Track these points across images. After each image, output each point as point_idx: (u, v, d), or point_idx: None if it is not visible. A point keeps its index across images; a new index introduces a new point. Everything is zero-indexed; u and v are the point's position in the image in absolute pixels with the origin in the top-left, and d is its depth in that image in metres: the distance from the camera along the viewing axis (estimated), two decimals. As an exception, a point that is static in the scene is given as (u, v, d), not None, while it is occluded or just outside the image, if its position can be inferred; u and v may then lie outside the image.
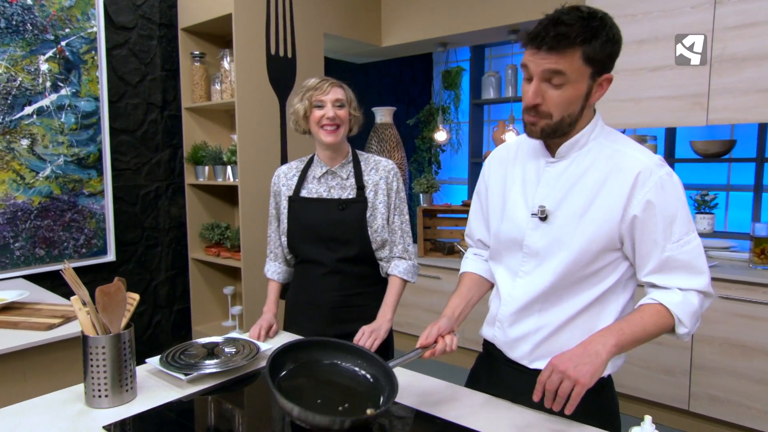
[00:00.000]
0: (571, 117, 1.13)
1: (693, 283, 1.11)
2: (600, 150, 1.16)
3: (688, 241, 1.11)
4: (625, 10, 2.77)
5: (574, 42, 1.05)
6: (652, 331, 1.09)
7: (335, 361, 1.22)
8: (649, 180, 1.10)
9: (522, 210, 1.24)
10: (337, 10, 3.48)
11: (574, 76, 1.08)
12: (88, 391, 1.26)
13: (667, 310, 1.09)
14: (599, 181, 1.14)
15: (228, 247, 3.16)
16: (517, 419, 1.19)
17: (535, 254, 1.22)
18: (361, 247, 1.71)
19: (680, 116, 2.65)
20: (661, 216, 1.10)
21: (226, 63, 3.00)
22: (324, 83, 1.68)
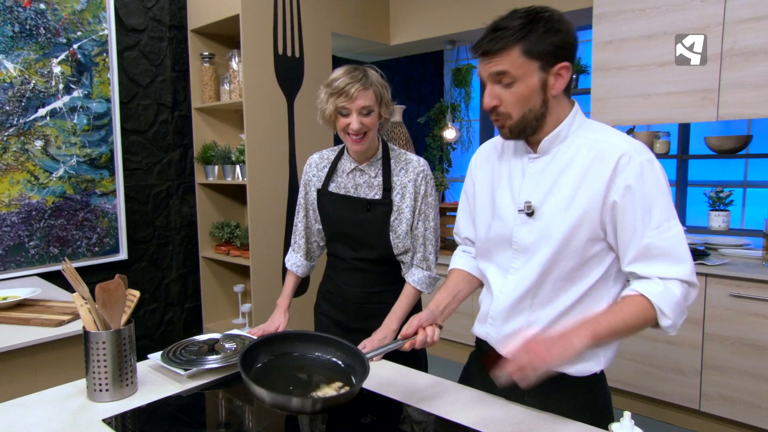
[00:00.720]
0: (534, 111, 1.14)
1: (674, 272, 1.08)
2: (581, 141, 1.16)
3: (668, 228, 1.09)
4: (633, 5, 2.74)
5: (509, 41, 1.09)
6: (632, 323, 1.07)
7: (308, 353, 1.22)
8: (629, 165, 1.09)
9: (509, 207, 1.24)
10: (344, 9, 3.49)
11: (519, 73, 1.10)
12: (90, 385, 1.30)
13: (648, 301, 1.07)
14: (582, 171, 1.14)
15: (237, 246, 3.20)
16: (509, 415, 1.19)
17: (525, 250, 1.22)
18: (383, 250, 1.67)
19: (690, 112, 2.61)
20: (641, 202, 1.09)
21: (234, 63, 3.03)
22: (350, 87, 1.52)
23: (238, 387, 1.41)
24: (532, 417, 1.18)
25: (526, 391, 1.23)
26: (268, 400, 0.99)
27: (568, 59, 1.12)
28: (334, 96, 1.56)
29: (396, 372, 1.47)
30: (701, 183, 4.09)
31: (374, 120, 1.59)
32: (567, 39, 1.11)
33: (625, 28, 2.78)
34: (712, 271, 2.54)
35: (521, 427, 1.14)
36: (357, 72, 1.57)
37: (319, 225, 1.80)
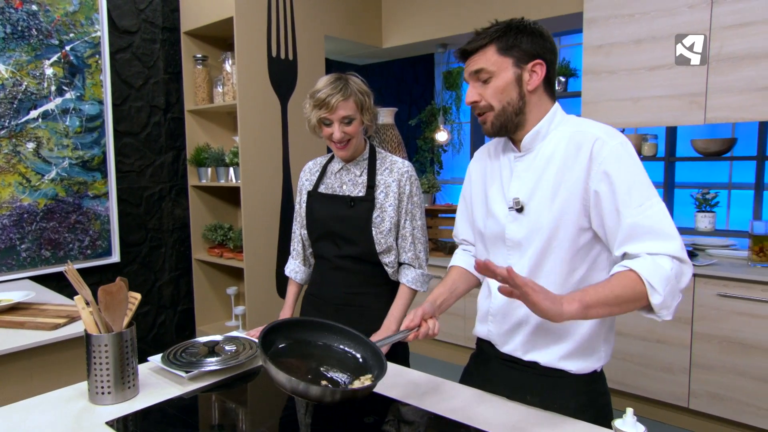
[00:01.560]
0: (512, 105, 1.20)
1: (663, 248, 1.07)
2: (561, 135, 1.21)
3: (650, 206, 1.10)
4: (623, 10, 2.79)
5: (485, 40, 1.20)
6: (621, 294, 1.04)
7: (325, 342, 1.24)
8: (602, 150, 1.13)
9: (501, 205, 1.29)
10: (337, 12, 3.51)
11: (494, 68, 1.20)
12: (92, 388, 1.30)
13: (637, 274, 1.04)
14: (562, 162, 1.18)
15: (231, 248, 3.20)
16: (511, 414, 1.21)
17: (518, 246, 1.25)
18: (365, 247, 1.70)
19: (678, 115, 2.66)
20: (619, 184, 1.11)
21: (227, 65, 3.03)
22: (331, 99, 1.60)
23: (239, 389, 1.42)
24: (533, 416, 1.20)
25: (528, 391, 1.26)
26: (289, 387, 1.00)
27: (542, 58, 1.19)
28: (317, 108, 1.65)
29: (394, 370, 1.49)
30: (688, 185, 4.16)
31: (356, 127, 1.67)
32: (540, 40, 1.21)
33: (615, 32, 2.83)
34: (700, 272, 2.59)
35: (523, 425, 1.16)
36: (338, 82, 1.64)
37: (305, 230, 1.83)
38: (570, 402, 1.23)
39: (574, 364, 1.22)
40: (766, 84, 2.47)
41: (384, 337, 1.23)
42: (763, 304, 2.45)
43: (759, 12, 2.45)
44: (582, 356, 1.22)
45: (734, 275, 2.52)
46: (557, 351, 1.23)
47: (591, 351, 1.22)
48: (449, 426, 1.17)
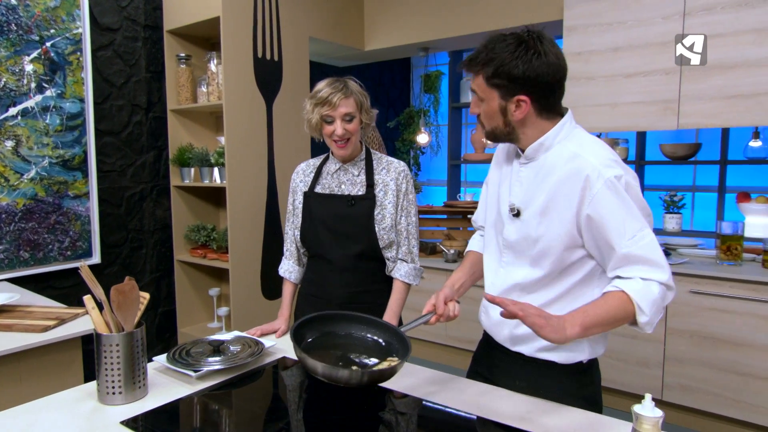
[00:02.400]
0: (499, 129, 1.25)
1: (654, 276, 1.14)
2: (562, 152, 1.23)
3: (642, 237, 1.15)
4: (602, 19, 2.91)
5: (477, 66, 1.22)
6: (615, 315, 1.13)
7: (350, 331, 1.31)
8: (596, 182, 1.15)
9: (505, 204, 1.35)
10: (321, 14, 3.53)
11: (484, 95, 1.24)
12: (102, 389, 1.29)
13: (628, 296, 1.13)
14: (558, 181, 1.22)
15: (214, 249, 3.17)
16: (516, 405, 1.27)
17: (511, 246, 1.32)
18: (368, 244, 1.75)
19: (653, 120, 2.79)
20: (611, 217, 1.15)
21: (212, 65, 3.02)
22: (333, 96, 1.66)
23: (249, 387, 1.43)
24: (536, 406, 1.26)
25: (516, 376, 1.34)
26: (320, 372, 1.07)
27: (528, 92, 1.19)
28: (319, 105, 1.70)
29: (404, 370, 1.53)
30: (656, 187, 4.35)
31: (356, 126, 1.72)
32: (532, 73, 1.16)
33: (593, 40, 2.95)
34: (673, 270, 2.71)
35: (530, 415, 1.22)
36: (338, 83, 1.71)
37: (299, 231, 1.85)
38: (554, 388, 1.30)
39: (558, 355, 1.29)
40: (733, 92, 2.62)
41: (409, 323, 1.27)
42: (731, 299, 2.59)
43: (727, 25, 2.59)
44: (564, 349, 1.29)
45: (704, 273, 2.66)
46: (539, 343, 1.30)
47: (574, 345, 1.29)
48: (459, 419, 1.22)
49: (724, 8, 2.61)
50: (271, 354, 1.61)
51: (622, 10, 2.86)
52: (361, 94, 1.73)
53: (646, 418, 0.86)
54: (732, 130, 3.80)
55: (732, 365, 2.60)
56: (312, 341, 1.23)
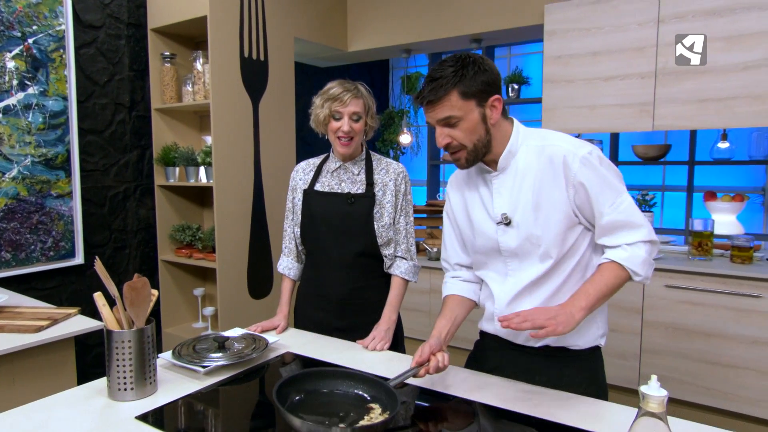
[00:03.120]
0: (481, 140, 1.31)
1: (636, 237, 1.29)
2: (528, 151, 1.34)
3: (620, 203, 1.29)
4: (580, 25, 3.02)
5: (446, 88, 1.26)
6: (613, 284, 1.28)
7: (335, 389, 1.24)
8: (573, 162, 1.27)
9: (488, 223, 1.40)
10: (306, 15, 3.55)
11: (461, 113, 1.27)
12: (113, 385, 1.30)
13: (620, 265, 1.28)
14: (538, 175, 1.32)
15: (200, 249, 3.16)
16: (523, 392, 1.33)
17: (514, 254, 1.38)
18: (368, 241, 1.79)
19: (630, 122, 2.92)
20: (592, 190, 1.28)
21: (198, 65, 3.00)
22: (345, 94, 1.72)
23: (256, 381, 1.46)
24: (541, 393, 1.33)
25: (537, 372, 1.39)
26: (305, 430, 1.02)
27: (497, 92, 1.30)
28: (330, 101, 1.75)
29: (402, 361, 1.58)
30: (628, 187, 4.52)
31: (361, 126, 1.77)
32: (492, 76, 1.29)
33: (572, 45, 3.06)
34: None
35: (534, 402, 1.28)
36: (349, 84, 1.77)
37: (299, 229, 1.88)
38: (576, 378, 1.37)
39: (581, 339, 1.37)
40: (704, 96, 2.76)
41: (397, 376, 1.26)
42: (703, 293, 2.73)
43: (699, 32, 2.73)
44: (584, 331, 1.37)
45: (678, 268, 2.79)
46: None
47: (589, 324, 1.37)
48: (468, 406, 1.28)
49: (695, 17, 2.75)
50: (274, 349, 1.64)
51: (600, 16, 2.97)
52: (369, 98, 1.80)
53: (652, 397, 0.92)
54: (699, 132, 3.98)
55: (704, 355, 2.74)
56: (297, 401, 1.18)
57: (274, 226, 3.29)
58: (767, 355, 2.64)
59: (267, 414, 1.31)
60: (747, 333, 2.66)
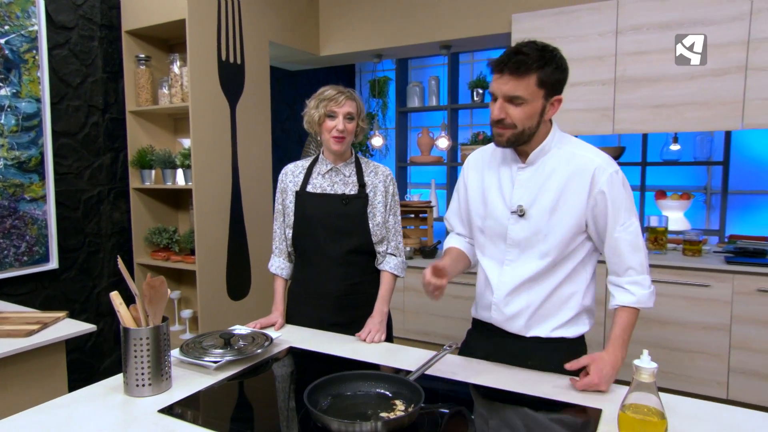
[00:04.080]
0: (531, 129, 1.40)
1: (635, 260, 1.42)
2: (560, 155, 1.45)
3: (630, 224, 1.41)
4: (546, 34, 3.20)
5: (531, 68, 1.33)
6: (632, 325, 1.45)
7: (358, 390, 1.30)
8: (602, 175, 1.40)
9: (501, 208, 1.51)
10: (280, 19, 3.59)
11: (530, 97, 1.35)
12: (131, 382, 1.33)
13: (631, 308, 1.44)
14: (563, 180, 1.43)
15: (177, 251, 3.16)
16: (518, 376, 1.45)
17: (517, 244, 1.50)
18: (363, 239, 1.88)
19: (593, 126, 3.12)
20: (611, 205, 1.40)
21: (175, 67, 3.01)
22: (340, 96, 1.82)
23: (266, 375, 1.52)
24: (533, 376, 1.46)
25: (529, 357, 1.52)
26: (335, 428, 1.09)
27: (561, 92, 1.42)
28: (325, 101, 1.84)
29: (401, 351, 1.68)
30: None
31: (353, 127, 1.87)
32: (564, 78, 1.41)
33: (538, 53, 3.24)
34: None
35: (527, 383, 1.40)
36: (342, 88, 1.88)
37: (290, 230, 1.95)
38: (558, 360, 1.50)
39: (568, 331, 1.50)
40: (658, 102, 2.99)
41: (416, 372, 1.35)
42: (660, 284, 2.95)
43: (653, 43, 2.96)
44: (573, 324, 1.50)
45: (637, 261, 3.01)
46: (552, 323, 1.50)
47: (578, 319, 1.51)
48: (465, 387, 1.39)
49: (649, 29, 2.98)
50: (277, 345, 1.70)
51: (564, 27, 3.17)
52: (361, 102, 1.91)
53: (644, 368, 1.06)
54: (650, 135, 4.26)
55: (661, 341, 2.96)
56: (326, 405, 1.23)
57: (252, 227, 3.32)
58: (715, 339, 2.89)
59: (286, 405, 1.37)
60: (698, 319, 2.90)
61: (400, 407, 1.22)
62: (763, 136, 3.93)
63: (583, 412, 1.26)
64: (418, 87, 4.73)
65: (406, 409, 1.20)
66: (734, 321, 2.86)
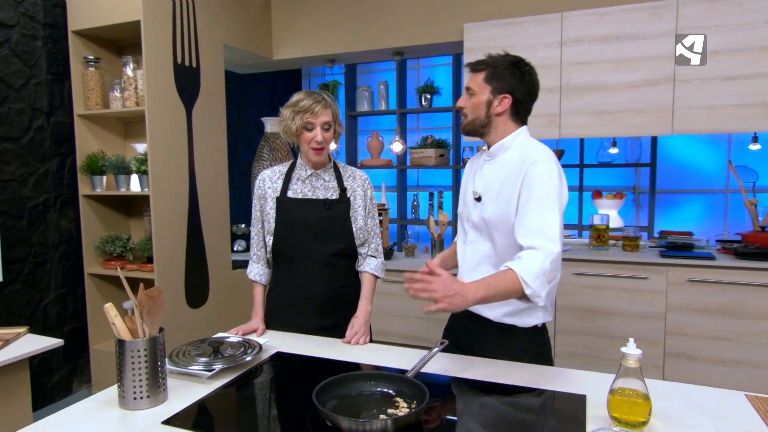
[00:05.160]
0: (480, 120, 1.61)
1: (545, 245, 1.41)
2: (516, 152, 1.60)
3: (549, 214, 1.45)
4: (497, 43, 3.36)
5: (481, 66, 1.60)
6: (506, 288, 1.38)
7: (363, 390, 1.34)
8: (533, 169, 1.50)
9: (469, 195, 1.72)
10: (235, 22, 3.55)
11: (477, 90, 1.60)
12: (128, 395, 1.31)
13: (514, 272, 1.39)
14: (509, 171, 1.58)
15: (131, 260, 3.05)
16: (485, 367, 1.55)
17: (475, 227, 1.67)
18: (347, 242, 1.92)
19: (541, 131, 3.31)
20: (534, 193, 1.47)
21: (128, 70, 2.91)
22: (316, 106, 1.80)
23: (261, 380, 1.53)
24: (513, 367, 1.56)
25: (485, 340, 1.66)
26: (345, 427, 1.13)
27: (512, 94, 1.58)
28: (301, 113, 1.82)
29: (390, 351, 1.74)
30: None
31: (331, 135, 1.88)
32: (518, 82, 1.58)
33: (489, 61, 3.40)
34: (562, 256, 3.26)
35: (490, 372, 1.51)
36: (317, 95, 1.86)
37: (270, 237, 1.96)
38: (517, 347, 1.64)
39: (520, 320, 1.62)
40: (599, 109, 3.22)
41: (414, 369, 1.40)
42: (603, 278, 3.18)
43: (594, 54, 3.19)
44: (524, 314, 1.62)
45: (583, 257, 3.23)
46: (504, 309, 1.63)
47: (529, 310, 1.62)
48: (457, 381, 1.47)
49: (590, 42, 3.21)
50: (264, 350, 1.71)
51: (513, 37, 3.34)
52: (335, 106, 1.90)
53: (630, 354, 1.18)
54: (587, 139, 4.55)
55: (605, 331, 3.19)
56: (334, 406, 1.27)
57: (210, 232, 3.26)
58: (653, 327, 3.15)
59: (288, 408, 1.39)
60: (638, 309, 3.15)
61: (402, 405, 1.28)
62: (684, 141, 4.31)
63: (569, 398, 1.37)
64: (366, 91, 4.80)
65: (409, 407, 1.26)
66: (669, 309, 3.13)
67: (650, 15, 3.11)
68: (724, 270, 3.01)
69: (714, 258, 3.09)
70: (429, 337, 3.53)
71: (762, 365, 2.93)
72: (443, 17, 3.63)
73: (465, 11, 3.56)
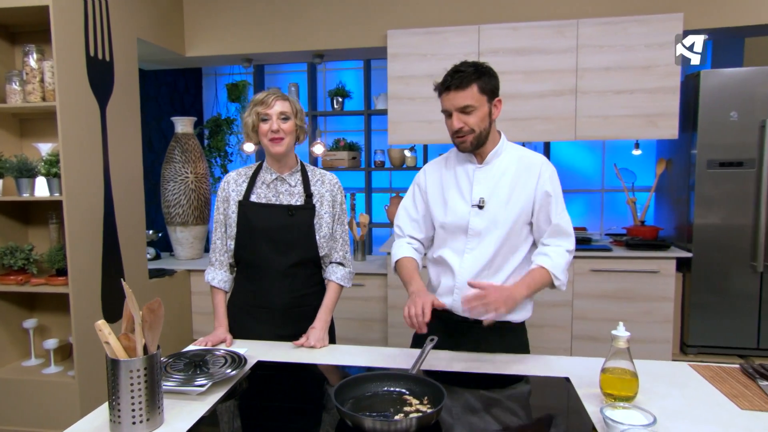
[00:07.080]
0: (486, 130, 1.69)
1: (566, 243, 1.70)
2: (510, 156, 1.74)
3: (564, 213, 1.72)
4: (419, 50, 3.50)
5: (471, 80, 1.62)
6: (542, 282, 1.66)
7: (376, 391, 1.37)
8: (545, 172, 1.70)
9: (461, 204, 1.73)
10: (147, 15, 3.29)
11: (477, 104, 1.64)
12: (125, 420, 1.20)
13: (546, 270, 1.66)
14: (515, 176, 1.71)
15: (34, 273, 2.71)
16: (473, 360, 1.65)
17: (477, 234, 1.71)
18: (309, 251, 1.86)
19: (462, 136, 3.51)
20: (554, 198, 1.70)
21: (32, 60, 2.58)
22: (269, 97, 1.78)
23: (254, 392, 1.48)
24: (482, 359, 1.68)
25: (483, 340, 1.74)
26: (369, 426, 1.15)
27: (499, 95, 1.71)
28: (256, 105, 1.80)
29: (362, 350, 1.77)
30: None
31: (291, 127, 1.82)
32: (498, 83, 1.71)
33: (413, 67, 3.52)
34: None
35: (477, 365, 1.62)
36: (274, 89, 1.86)
37: (232, 241, 1.88)
38: (512, 344, 1.76)
39: (516, 315, 1.75)
40: (514, 116, 3.49)
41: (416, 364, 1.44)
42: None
43: (509, 65, 3.45)
44: (520, 309, 1.75)
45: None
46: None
47: (522, 306, 1.76)
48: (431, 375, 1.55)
49: (505, 53, 3.46)
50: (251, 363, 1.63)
51: (434, 45, 3.50)
52: (296, 102, 1.87)
53: (620, 336, 1.33)
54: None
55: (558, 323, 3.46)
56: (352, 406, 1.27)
57: (126, 239, 3.00)
58: (561, 314, 3.48)
59: (294, 417, 1.36)
60: (548, 298, 3.46)
61: (415, 402, 1.32)
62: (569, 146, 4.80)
63: (557, 382, 1.50)
64: (277, 92, 4.70)
65: (421, 403, 1.30)
66: (575, 297, 3.48)
67: (555, 32, 3.44)
68: (619, 260, 3.43)
69: (611, 249, 3.50)
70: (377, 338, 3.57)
71: (653, 340, 3.38)
72: (364, 22, 3.69)
73: (387, 18, 3.65)
